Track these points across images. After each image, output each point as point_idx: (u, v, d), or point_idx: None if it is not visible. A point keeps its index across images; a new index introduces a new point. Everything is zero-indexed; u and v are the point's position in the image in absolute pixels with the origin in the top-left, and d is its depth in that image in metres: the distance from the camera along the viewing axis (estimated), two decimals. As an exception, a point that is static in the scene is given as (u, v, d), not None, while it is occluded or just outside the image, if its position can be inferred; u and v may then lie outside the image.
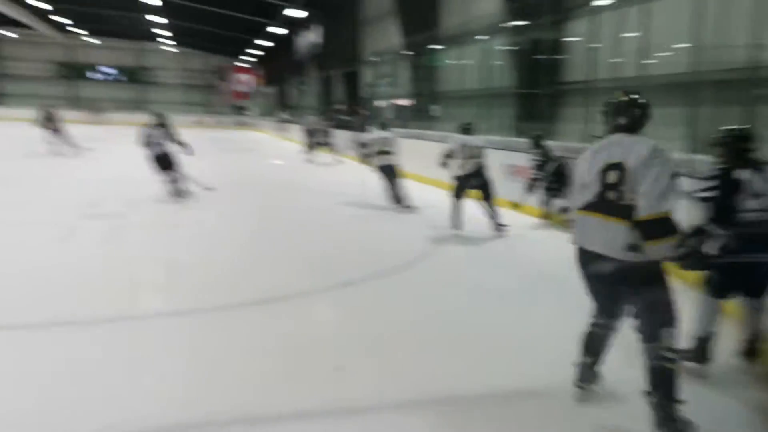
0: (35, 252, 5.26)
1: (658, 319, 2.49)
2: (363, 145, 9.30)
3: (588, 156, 2.67)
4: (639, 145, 2.49)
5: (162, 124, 8.33)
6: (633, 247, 2.42)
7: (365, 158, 8.88)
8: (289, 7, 22.73)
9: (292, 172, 13.58)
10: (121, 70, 43.52)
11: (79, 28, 37.93)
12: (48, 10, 31.56)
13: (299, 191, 10.47)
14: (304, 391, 2.85)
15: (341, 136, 17.14)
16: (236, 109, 43.74)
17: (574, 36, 10.92)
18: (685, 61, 8.05)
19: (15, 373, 2.93)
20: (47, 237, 5.75)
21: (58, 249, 5.43)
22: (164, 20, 31.54)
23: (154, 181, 8.46)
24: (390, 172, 8.21)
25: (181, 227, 6.77)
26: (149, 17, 31.39)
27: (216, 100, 44.61)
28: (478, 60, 11.10)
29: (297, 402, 2.76)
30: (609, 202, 2.51)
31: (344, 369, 3.12)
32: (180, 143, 8.35)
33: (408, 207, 8.11)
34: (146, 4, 26.81)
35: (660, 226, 2.37)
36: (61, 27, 36.42)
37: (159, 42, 40.34)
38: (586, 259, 2.63)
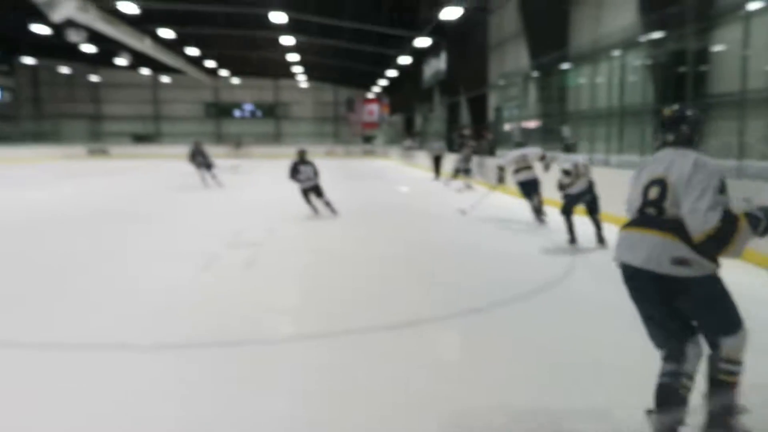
0: (179, 279, 5.64)
1: (715, 326, 2.36)
2: (500, 168, 9.42)
3: (635, 173, 2.59)
4: (683, 159, 2.39)
5: (306, 161, 9.61)
6: (680, 261, 2.28)
7: (500, 181, 9.24)
8: (416, 37, 23.21)
9: (418, 198, 13.66)
10: (259, 106, 46.79)
11: (223, 69, 41.49)
12: (198, 57, 34.88)
13: (427, 217, 10.48)
14: (431, 421, 2.75)
15: (469, 161, 17.03)
16: (364, 138, 45.25)
17: (722, 45, 10.04)
18: None
19: (159, 390, 3.11)
20: (191, 265, 6.15)
21: (201, 276, 5.79)
22: (297, 57, 33.54)
23: (290, 209, 8.89)
24: (530, 187, 8.48)
25: (317, 253, 7.00)
26: (285, 56, 33.56)
27: (345, 131, 46.49)
28: (612, 77, 10.55)
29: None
30: (650, 217, 2.41)
31: (470, 411, 2.97)
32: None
33: (543, 221, 8.55)
34: (283, 45, 28.72)
35: (719, 240, 2.22)
36: (208, 70, 40.00)
37: (293, 78, 42.91)
38: (629, 275, 2.46)
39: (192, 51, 33.18)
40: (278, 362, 3.60)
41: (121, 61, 32.86)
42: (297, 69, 38.53)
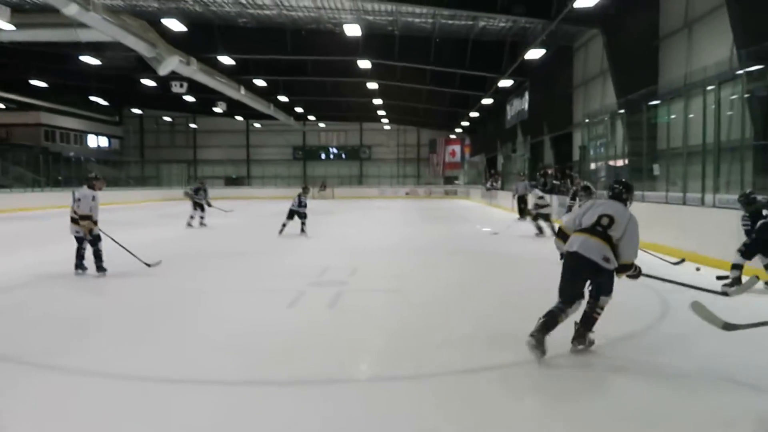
0: (266, 315, 5.86)
1: (602, 291, 4.42)
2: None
3: (589, 206, 4.61)
4: (623, 211, 4.45)
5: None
6: (606, 259, 4.28)
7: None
8: (499, 78, 23.30)
9: (501, 239, 13.49)
10: (343, 148, 48.21)
11: (311, 114, 43.28)
12: (288, 102, 36.63)
13: (513, 259, 10.33)
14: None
15: (554, 202, 16.69)
16: (446, 178, 45.39)
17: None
18: None
19: (242, 425, 3.22)
20: (278, 302, 6.36)
21: (286, 313, 5.98)
22: (381, 101, 34.45)
23: (372, 248, 9.03)
24: None
25: (401, 293, 7.05)
26: (369, 100, 34.58)
27: (427, 171, 46.87)
28: (707, 112, 10.11)
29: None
30: (599, 232, 4.34)
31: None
32: None
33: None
34: (368, 89, 29.65)
35: (630, 268, 4.37)
36: (297, 115, 41.84)
37: (377, 121, 44.02)
38: (575, 258, 4.35)
39: (282, 98, 34.90)
40: (363, 401, 3.64)
41: (217, 109, 35.07)
42: (381, 112, 39.53)
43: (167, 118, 46.95)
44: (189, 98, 35.39)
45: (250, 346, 4.75)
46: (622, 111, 14.40)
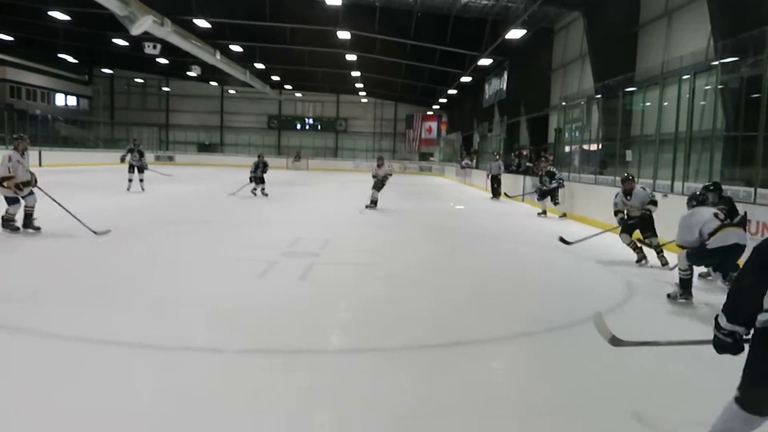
0: (236, 284, 5.81)
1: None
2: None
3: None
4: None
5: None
6: None
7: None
8: (479, 56, 23.22)
9: (472, 216, 13.57)
10: (319, 120, 47.70)
11: (286, 83, 42.61)
12: (264, 70, 35.98)
13: (482, 236, 10.42)
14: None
15: (524, 182, 16.85)
16: (421, 155, 45.36)
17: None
18: None
19: (207, 391, 3.21)
20: (248, 272, 6.32)
21: (257, 283, 5.94)
22: (359, 73, 34.10)
23: (346, 221, 9.00)
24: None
25: (371, 266, 7.06)
26: (347, 72, 34.19)
27: (403, 147, 46.77)
28: (681, 101, 10.24)
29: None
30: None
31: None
32: None
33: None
34: (346, 61, 29.29)
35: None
36: (273, 83, 41.16)
37: (354, 93, 43.60)
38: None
39: (259, 65, 34.27)
40: (325, 373, 3.65)
41: (191, 73, 34.29)
42: (359, 85, 39.15)
43: (139, 80, 45.77)
44: (162, 60, 34.50)
45: (219, 314, 4.71)
46: (598, 96, 14.52)
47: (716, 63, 10.01)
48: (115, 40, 29.56)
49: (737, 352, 2.21)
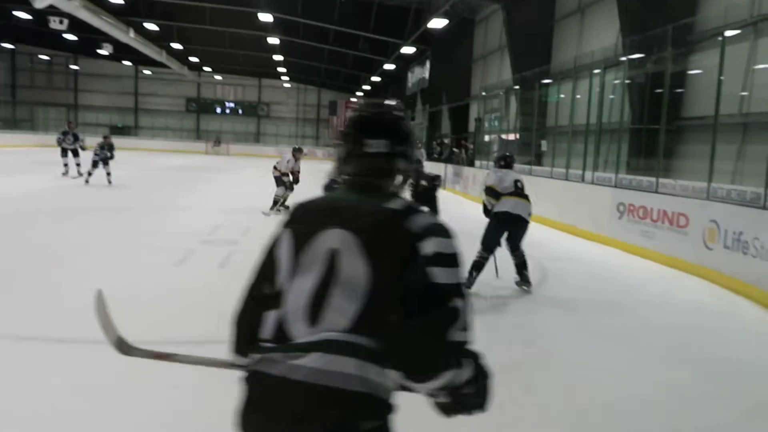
0: (150, 273, 5.63)
1: (522, 240, 5.49)
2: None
3: (503, 175, 5.59)
4: (519, 176, 5.73)
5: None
6: (529, 214, 5.45)
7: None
8: (402, 44, 23.35)
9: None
10: (241, 104, 46.46)
11: (206, 66, 41.17)
12: (182, 51, 34.61)
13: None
14: None
15: (446, 170, 17.18)
16: (345, 142, 45.18)
17: (699, 69, 10.31)
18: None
19: (117, 386, 3.09)
20: (164, 260, 6.11)
21: (172, 272, 5.76)
22: (281, 57, 33.46)
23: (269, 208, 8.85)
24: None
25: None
26: (269, 55, 33.46)
27: (327, 133, 46.42)
28: (591, 94, 10.75)
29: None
30: (521, 193, 5.50)
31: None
32: None
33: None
34: (269, 44, 28.64)
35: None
36: (191, 65, 39.66)
37: (277, 78, 42.77)
38: (511, 219, 5.40)
39: (176, 45, 32.92)
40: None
41: (102, 51, 32.46)
42: (281, 69, 38.43)
43: (44, 57, 42.79)
44: (70, 36, 32.43)
45: (130, 304, 4.53)
46: (516, 87, 14.98)
47: (624, 59, 10.54)
48: (16, 13, 27.46)
49: None
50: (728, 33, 7.77)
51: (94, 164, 13.44)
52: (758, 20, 8.69)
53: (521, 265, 5.55)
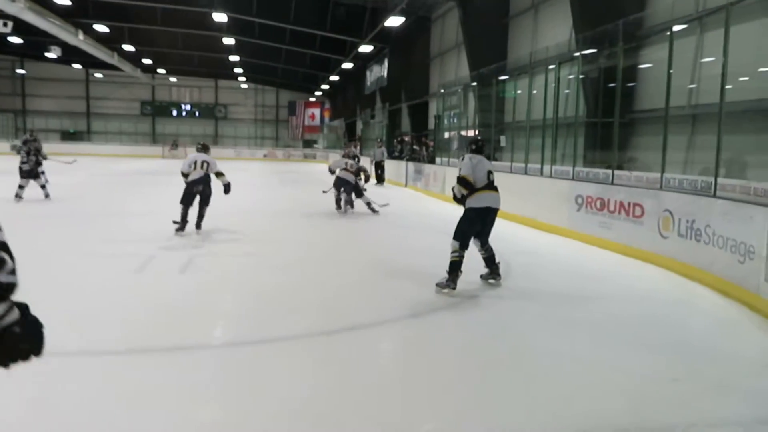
0: (109, 280, 5.48)
1: (490, 234, 5.57)
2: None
3: (476, 163, 5.46)
4: (491, 164, 5.61)
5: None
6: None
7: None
8: (359, 43, 23.32)
9: (358, 204, 13.68)
10: (197, 106, 45.67)
11: (159, 68, 40.29)
12: (134, 53, 33.78)
13: (368, 222, 10.54)
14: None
15: (407, 168, 17.23)
16: (305, 142, 44.96)
17: (649, 63, 10.59)
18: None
19: (84, 396, 3.00)
20: (122, 268, 5.96)
21: (133, 279, 5.62)
22: (238, 58, 33.02)
23: (227, 213, 8.74)
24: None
25: (255, 256, 6.92)
26: (225, 56, 32.97)
27: (286, 134, 46.03)
28: (547, 90, 10.94)
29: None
30: (493, 186, 5.48)
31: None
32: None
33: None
34: (224, 45, 28.21)
35: None
36: (144, 67, 38.77)
37: (233, 79, 42.19)
38: (489, 212, 5.43)
39: (128, 47, 32.15)
40: (206, 367, 3.55)
41: (50, 54, 31.44)
42: (238, 70, 37.93)
43: (-13, 61, 41.26)
44: (15, 40, 31.33)
45: (90, 313, 4.41)
46: (474, 84, 15.12)
47: (577, 54, 10.76)
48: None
49: None
50: (676, 28, 7.99)
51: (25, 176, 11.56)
52: (704, 15, 8.98)
53: (490, 259, 5.59)
